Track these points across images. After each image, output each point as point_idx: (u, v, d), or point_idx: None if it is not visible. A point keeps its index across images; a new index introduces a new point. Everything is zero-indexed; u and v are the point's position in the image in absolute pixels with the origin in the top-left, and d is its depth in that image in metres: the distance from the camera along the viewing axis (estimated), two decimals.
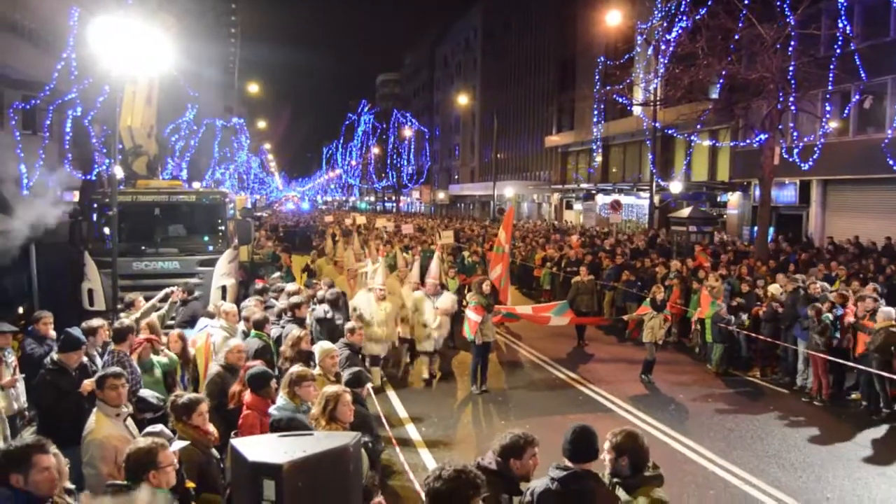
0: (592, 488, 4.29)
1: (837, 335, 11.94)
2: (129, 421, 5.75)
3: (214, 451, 5.54)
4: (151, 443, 4.48)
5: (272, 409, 5.86)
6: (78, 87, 22.04)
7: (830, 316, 11.91)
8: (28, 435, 6.52)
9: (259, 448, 3.78)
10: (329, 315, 10.98)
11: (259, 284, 13.65)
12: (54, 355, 7.18)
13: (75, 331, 7.45)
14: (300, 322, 9.58)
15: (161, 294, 10.25)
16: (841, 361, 11.63)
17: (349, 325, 9.28)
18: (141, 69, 13.77)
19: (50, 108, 22.89)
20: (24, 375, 8.14)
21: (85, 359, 7.34)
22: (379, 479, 5.36)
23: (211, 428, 5.57)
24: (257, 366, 6.75)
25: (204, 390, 7.26)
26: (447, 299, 13.30)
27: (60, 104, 22.80)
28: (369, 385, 7.61)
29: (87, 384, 6.74)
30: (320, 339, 9.01)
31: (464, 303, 14.28)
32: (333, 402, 5.45)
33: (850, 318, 11.99)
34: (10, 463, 4.12)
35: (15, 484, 4.09)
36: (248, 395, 6.38)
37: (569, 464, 4.36)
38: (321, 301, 11.51)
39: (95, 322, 8.27)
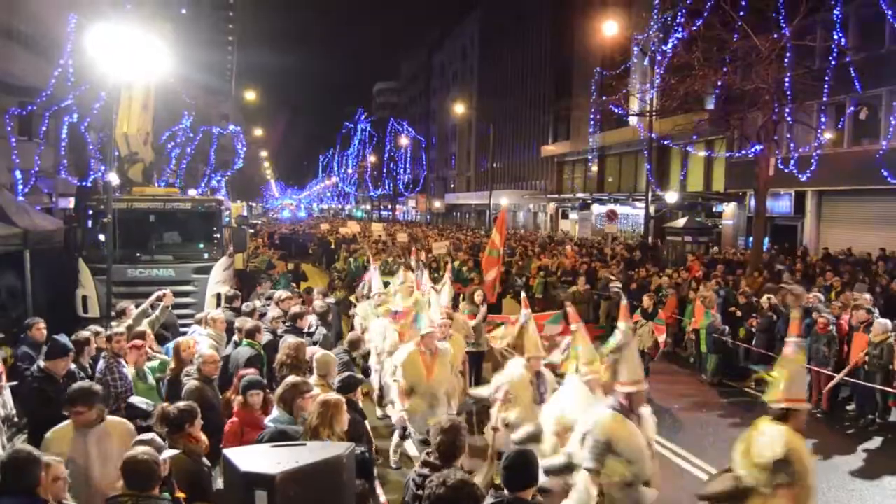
0: None
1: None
2: None
3: (205, 460, 5.52)
4: (151, 452, 4.49)
5: (268, 421, 5.82)
6: (74, 94, 22.08)
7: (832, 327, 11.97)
8: (20, 443, 6.47)
9: (252, 458, 3.77)
10: (313, 329, 10.32)
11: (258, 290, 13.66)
12: (41, 363, 7.14)
13: (62, 337, 7.43)
14: (299, 333, 9.52)
15: (151, 298, 10.21)
16: (851, 380, 11.52)
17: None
18: (137, 76, 13.77)
19: (46, 114, 22.94)
20: (16, 382, 8.11)
21: (73, 366, 7.31)
22: (371, 490, 5.33)
23: (203, 437, 5.55)
24: (251, 374, 6.74)
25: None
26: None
27: (57, 110, 22.85)
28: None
29: None
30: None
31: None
32: (332, 411, 5.43)
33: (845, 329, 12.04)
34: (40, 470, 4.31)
35: (42, 494, 4.29)
36: (236, 405, 6.37)
37: (505, 492, 4.19)
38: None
39: (84, 334, 8.22)
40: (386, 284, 13.56)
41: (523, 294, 10.21)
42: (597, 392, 6.97)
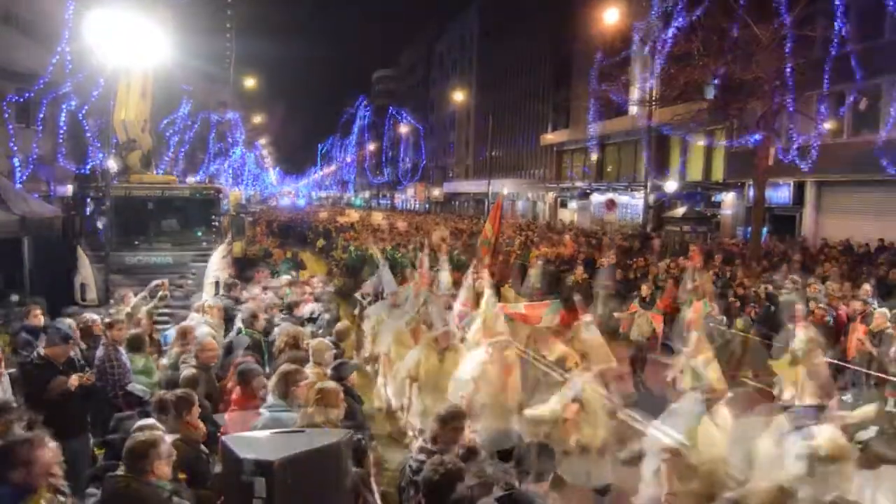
0: None
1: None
2: None
3: (203, 447, 5.54)
4: (152, 434, 4.50)
5: (262, 408, 5.84)
6: (73, 80, 22.01)
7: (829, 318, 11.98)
8: (18, 430, 6.48)
9: (250, 445, 3.78)
10: (315, 315, 10.32)
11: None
12: (41, 350, 7.14)
13: (62, 324, 7.42)
14: (296, 320, 9.54)
15: (150, 286, 10.23)
16: (845, 365, 11.57)
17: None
18: (136, 62, 13.73)
19: (44, 100, 22.86)
20: (13, 370, 8.12)
21: (71, 353, 7.31)
22: (367, 476, 5.36)
23: (200, 424, 5.57)
24: (247, 361, 6.76)
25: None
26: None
27: (55, 97, 22.79)
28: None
29: (74, 379, 6.75)
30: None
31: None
32: (328, 398, 5.44)
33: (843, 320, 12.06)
34: (17, 458, 4.19)
35: (17, 479, 4.13)
36: (233, 392, 6.39)
37: (515, 483, 4.10)
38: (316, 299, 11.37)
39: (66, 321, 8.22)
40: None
41: (577, 297, 8.53)
42: (717, 410, 6.49)
